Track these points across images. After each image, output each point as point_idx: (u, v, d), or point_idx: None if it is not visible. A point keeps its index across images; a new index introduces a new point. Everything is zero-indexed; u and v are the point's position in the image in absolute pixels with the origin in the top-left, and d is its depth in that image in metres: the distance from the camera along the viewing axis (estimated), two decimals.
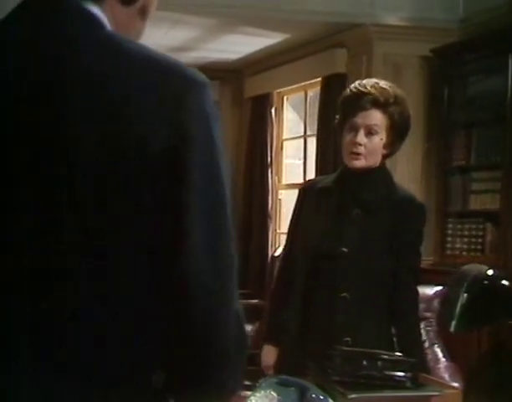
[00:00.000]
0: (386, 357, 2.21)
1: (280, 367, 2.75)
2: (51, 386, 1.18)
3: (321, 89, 6.22)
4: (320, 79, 6.27)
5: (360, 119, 2.65)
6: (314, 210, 2.75)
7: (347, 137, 2.68)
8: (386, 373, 2.16)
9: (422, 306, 3.13)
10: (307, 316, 2.68)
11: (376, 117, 2.65)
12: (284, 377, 2.15)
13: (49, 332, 1.18)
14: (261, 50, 6.81)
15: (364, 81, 2.73)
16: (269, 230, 7.15)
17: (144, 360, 1.22)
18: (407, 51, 5.66)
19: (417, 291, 2.74)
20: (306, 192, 2.84)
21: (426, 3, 5.65)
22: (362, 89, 2.67)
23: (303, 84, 6.79)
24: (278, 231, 7.27)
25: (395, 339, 2.65)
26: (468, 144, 5.18)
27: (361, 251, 2.63)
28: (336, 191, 2.73)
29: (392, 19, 5.64)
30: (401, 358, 2.22)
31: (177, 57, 1.27)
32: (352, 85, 2.73)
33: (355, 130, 2.66)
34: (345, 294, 2.60)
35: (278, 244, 7.12)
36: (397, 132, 2.70)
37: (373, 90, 2.65)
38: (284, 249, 3.00)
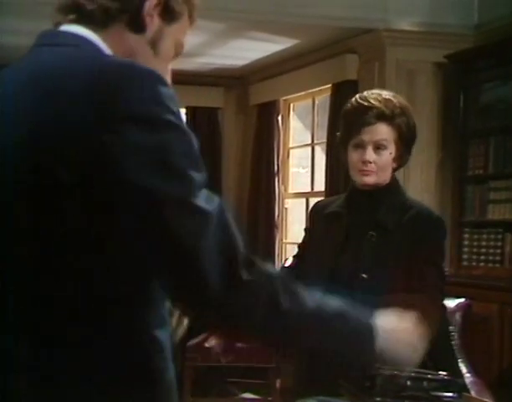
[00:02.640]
0: (431, 376, 2.07)
1: (293, 389, 2.60)
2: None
3: (331, 96, 6.08)
4: (329, 86, 6.15)
5: (366, 135, 2.46)
6: (326, 236, 2.58)
7: (354, 156, 2.50)
8: (433, 393, 2.03)
9: None
10: None
11: (384, 131, 2.47)
12: (321, 398, 2.04)
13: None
14: (268, 56, 6.68)
15: (365, 93, 2.52)
16: (276, 240, 6.99)
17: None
18: (420, 57, 5.54)
19: (443, 306, 2.60)
20: (316, 215, 2.69)
21: (440, 9, 5.53)
22: (365, 102, 2.47)
23: (311, 91, 6.67)
24: (284, 241, 7.11)
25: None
26: (486, 153, 5.05)
27: (381, 276, 2.47)
28: (347, 214, 2.56)
29: (406, 24, 5.53)
30: (448, 377, 2.08)
31: (182, 63, 1.15)
32: (353, 99, 2.53)
33: (362, 147, 2.48)
34: None
35: (284, 253, 6.97)
36: (405, 144, 2.53)
37: (377, 103, 2.46)
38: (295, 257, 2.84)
